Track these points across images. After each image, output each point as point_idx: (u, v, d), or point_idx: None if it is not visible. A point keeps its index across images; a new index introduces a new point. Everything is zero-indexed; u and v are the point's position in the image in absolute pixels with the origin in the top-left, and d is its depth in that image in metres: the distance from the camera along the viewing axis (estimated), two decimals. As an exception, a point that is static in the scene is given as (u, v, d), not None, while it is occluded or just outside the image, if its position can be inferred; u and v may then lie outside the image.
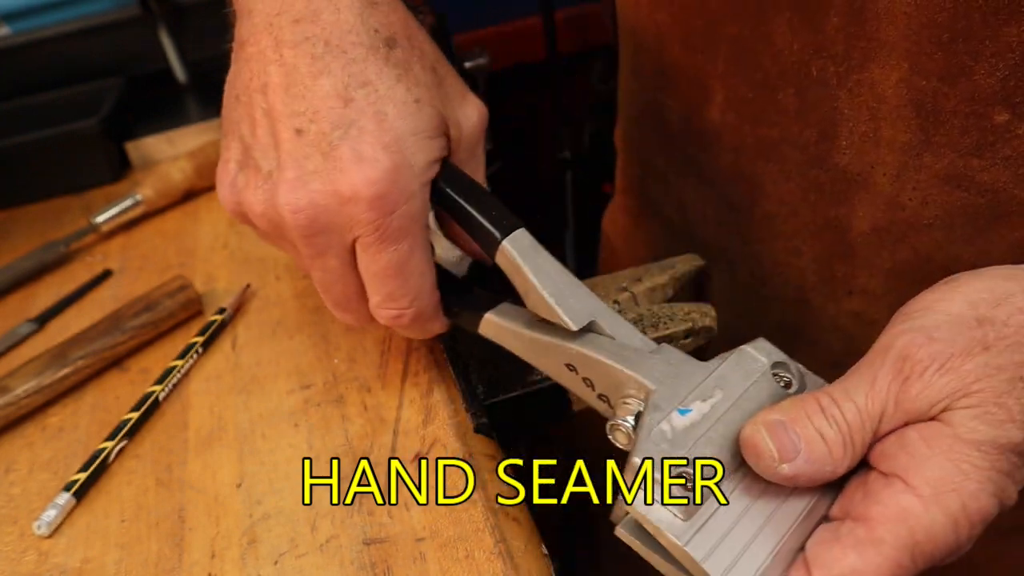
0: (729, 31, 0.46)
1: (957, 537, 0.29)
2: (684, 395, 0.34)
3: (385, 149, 0.36)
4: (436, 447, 0.43)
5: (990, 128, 0.39)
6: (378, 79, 0.37)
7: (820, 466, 0.31)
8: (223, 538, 0.41)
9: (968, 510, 0.29)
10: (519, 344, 0.41)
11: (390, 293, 0.40)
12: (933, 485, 0.29)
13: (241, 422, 0.47)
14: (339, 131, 0.36)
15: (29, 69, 0.84)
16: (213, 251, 0.64)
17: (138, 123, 0.81)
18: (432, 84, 0.39)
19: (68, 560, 0.41)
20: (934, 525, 0.29)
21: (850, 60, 0.41)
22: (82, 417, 0.50)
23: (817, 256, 0.48)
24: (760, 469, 0.32)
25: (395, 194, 0.37)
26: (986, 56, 0.37)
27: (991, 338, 0.31)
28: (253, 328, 0.54)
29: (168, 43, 0.85)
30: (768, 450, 0.31)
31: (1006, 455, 0.30)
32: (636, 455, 0.32)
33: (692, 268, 0.54)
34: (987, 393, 0.30)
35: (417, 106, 0.38)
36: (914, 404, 0.31)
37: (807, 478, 0.31)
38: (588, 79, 1.46)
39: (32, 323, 0.58)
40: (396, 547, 0.38)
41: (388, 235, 0.37)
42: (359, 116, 0.37)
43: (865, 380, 0.32)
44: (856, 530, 0.30)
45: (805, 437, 0.31)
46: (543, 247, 0.39)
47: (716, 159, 0.52)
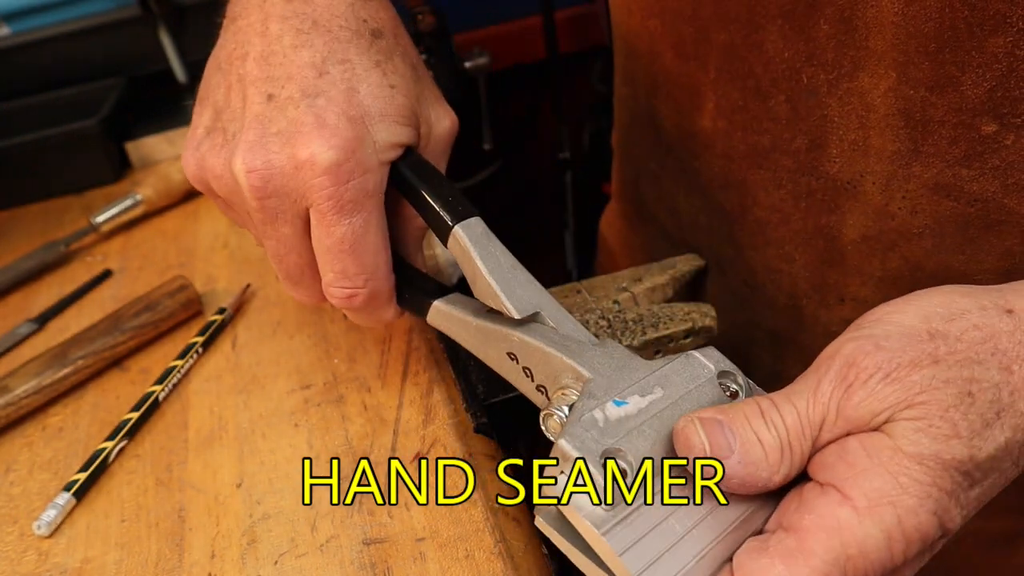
0: (720, 39, 0.46)
1: (891, 553, 0.28)
2: (623, 388, 0.33)
3: (349, 120, 0.37)
4: (436, 447, 0.43)
5: (978, 138, 0.39)
6: (357, 60, 0.38)
7: (754, 470, 0.30)
8: (223, 538, 0.41)
9: (904, 525, 0.28)
10: (465, 333, 0.40)
11: (343, 269, 0.39)
12: (869, 497, 0.28)
13: (241, 422, 0.47)
14: (308, 99, 0.37)
15: (29, 69, 0.84)
16: (213, 251, 0.64)
17: (138, 123, 0.81)
18: (410, 78, 0.40)
19: (68, 560, 0.41)
20: (867, 539, 0.28)
21: (840, 68, 0.41)
22: (82, 417, 0.50)
23: (809, 263, 0.49)
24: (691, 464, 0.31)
25: (351, 164, 0.37)
26: (973, 67, 0.37)
27: (942, 352, 0.30)
28: (253, 328, 0.54)
29: (168, 43, 0.85)
30: (700, 443, 0.30)
31: (949, 472, 0.29)
32: (562, 439, 0.31)
33: (692, 268, 0.54)
34: (932, 406, 0.29)
35: (391, 91, 0.38)
36: (856, 412, 0.30)
37: (739, 482, 0.30)
38: (588, 79, 1.46)
39: (32, 323, 0.59)
40: (396, 547, 0.38)
41: (342, 206, 0.37)
42: (330, 87, 0.37)
43: (809, 386, 0.31)
44: (786, 540, 0.29)
45: (741, 438, 0.30)
46: (497, 238, 0.39)
47: (708, 166, 0.52)
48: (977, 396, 0.29)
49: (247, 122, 0.38)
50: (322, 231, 0.38)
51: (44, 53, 0.83)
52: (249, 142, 0.37)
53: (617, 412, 0.32)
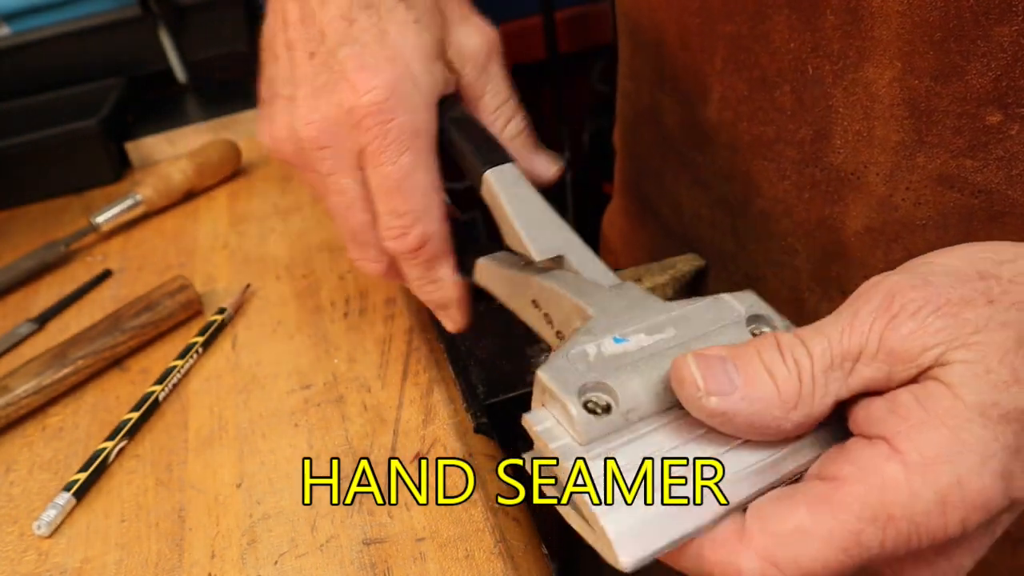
0: (727, 30, 0.46)
1: (945, 521, 0.24)
2: (628, 326, 0.30)
3: (387, 60, 0.38)
4: (436, 447, 0.43)
5: (983, 129, 0.39)
6: (379, 1, 0.40)
7: (763, 407, 0.26)
8: (223, 538, 0.41)
9: (965, 489, 0.24)
10: (501, 287, 0.40)
11: (393, 208, 0.40)
12: (923, 453, 0.24)
13: (241, 422, 0.47)
14: (345, 48, 0.39)
15: (29, 69, 0.84)
16: (213, 251, 0.64)
17: (138, 123, 0.81)
18: (431, 6, 0.41)
19: (68, 560, 0.41)
20: (917, 500, 0.24)
21: (846, 59, 0.41)
22: (82, 417, 0.50)
23: (811, 255, 0.49)
24: (684, 400, 0.27)
25: (393, 101, 0.38)
26: (978, 56, 0.37)
27: (995, 292, 0.26)
28: (253, 328, 0.54)
29: (168, 43, 0.85)
30: (691, 378, 0.26)
31: (1012, 427, 0.24)
32: (540, 370, 0.28)
33: (692, 268, 0.54)
34: (990, 348, 0.25)
35: (416, 26, 0.40)
36: (903, 344, 0.26)
37: (745, 421, 0.26)
38: (588, 79, 1.46)
39: (32, 323, 0.58)
40: (396, 547, 0.38)
41: (388, 144, 0.39)
42: (362, 34, 0.39)
43: (844, 316, 0.27)
44: (817, 487, 0.25)
45: (747, 372, 0.26)
46: (530, 184, 0.39)
47: (712, 158, 0.52)
48: None
49: (297, 82, 0.40)
50: (372, 171, 0.40)
51: (44, 53, 0.83)
52: (305, 98, 0.40)
53: (613, 348, 0.29)
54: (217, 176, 0.72)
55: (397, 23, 0.39)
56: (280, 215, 0.67)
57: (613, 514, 0.25)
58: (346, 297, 0.55)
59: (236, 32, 0.87)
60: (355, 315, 0.53)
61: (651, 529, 0.25)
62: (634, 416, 0.27)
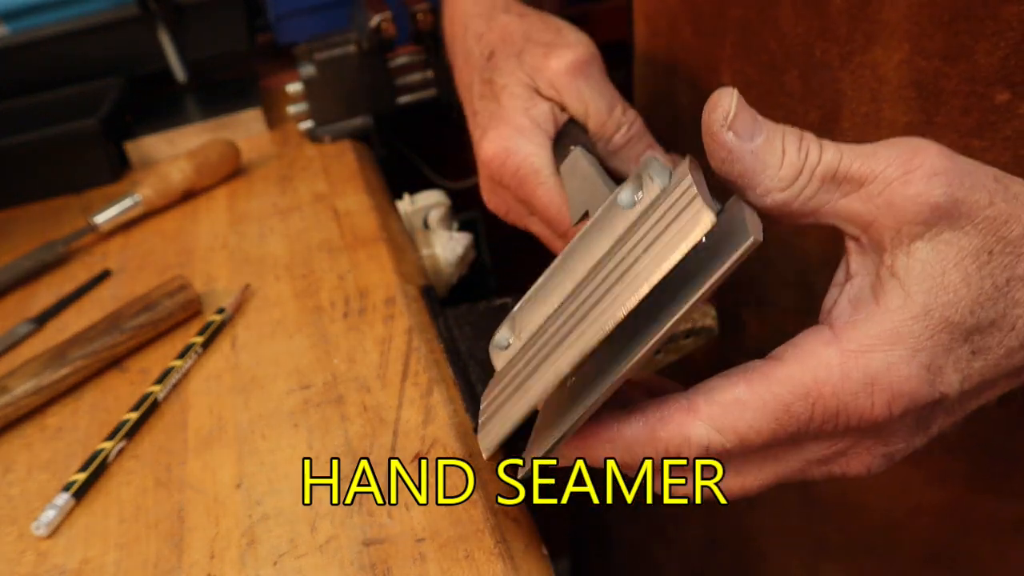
0: (736, 14, 0.47)
1: (872, 402, 0.27)
2: None
3: (495, 127, 0.45)
4: (436, 447, 0.43)
5: (991, 108, 0.39)
6: (488, 89, 0.48)
7: (760, 169, 0.29)
8: (222, 538, 0.40)
9: (892, 375, 0.27)
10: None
11: (555, 230, 0.46)
12: (861, 343, 0.27)
13: (241, 422, 0.47)
14: (476, 130, 0.47)
15: (28, 69, 0.84)
16: (212, 251, 0.64)
17: (138, 123, 0.81)
18: (512, 68, 0.47)
19: (67, 561, 0.41)
20: (846, 381, 0.27)
21: (853, 42, 0.42)
22: (81, 417, 0.50)
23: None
24: (706, 124, 0.29)
25: (510, 155, 0.45)
26: (986, 35, 0.37)
27: (998, 199, 0.28)
28: (253, 328, 0.54)
29: (167, 42, 0.85)
30: (726, 107, 0.28)
31: (949, 330, 0.27)
32: None
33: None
34: (951, 250, 0.27)
35: (506, 90, 0.46)
36: (902, 203, 0.28)
37: (740, 170, 0.29)
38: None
39: (31, 323, 0.58)
40: (396, 547, 0.38)
41: (522, 186, 0.45)
42: (482, 115, 0.47)
43: (866, 147, 0.29)
44: (758, 365, 0.28)
45: (768, 136, 0.28)
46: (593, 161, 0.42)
47: None
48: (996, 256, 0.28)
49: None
50: (532, 209, 0.46)
51: (43, 53, 0.83)
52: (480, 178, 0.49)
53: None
54: (216, 176, 0.72)
55: (496, 98, 0.46)
56: (280, 215, 0.67)
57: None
58: (346, 297, 0.55)
59: (236, 32, 0.87)
60: (355, 315, 0.53)
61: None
62: (525, 335, 0.34)
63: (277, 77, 0.91)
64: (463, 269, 0.64)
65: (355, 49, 0.73)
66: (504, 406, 0.32)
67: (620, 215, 0.32)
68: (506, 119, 0.45)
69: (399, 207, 0.67)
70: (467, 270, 0.65)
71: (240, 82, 0.86)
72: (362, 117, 0.76)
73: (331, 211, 0.65)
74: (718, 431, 0.28)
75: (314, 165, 0.73)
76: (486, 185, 0.48)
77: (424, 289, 0.57)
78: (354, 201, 0.66)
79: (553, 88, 0.46)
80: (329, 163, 0.73)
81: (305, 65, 0.73)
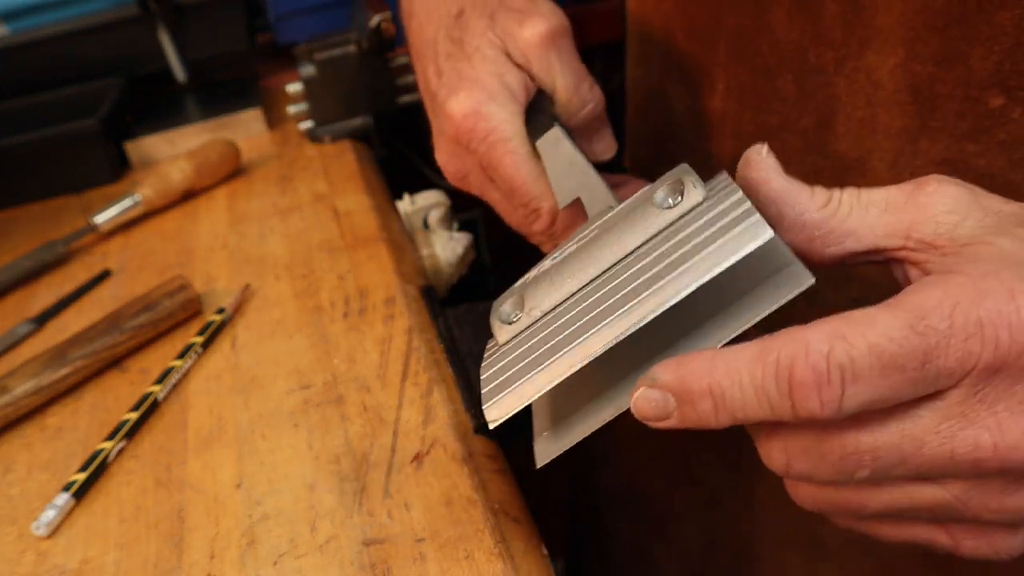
0: (730, 20, 0.47)
1: (1017, 308, 0.25)
2: (569, 242, 0.36)
3: (466, 89, 0.44)
4: (436, 447, 0.43)
5: (985, 112, 0.39)
6: (456, 49, 0.46)
7: (798, 191, 0.31)
8: (222, 539, 0.40)
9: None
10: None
11: (517, 202, 0.45)
12: (981, 268, 0.26)
13: (241, 422, 0.47)
14: (441, 90, 0.45)
15: (28, 69, 0.84)
16: (212, 251, 0.64)
17: (138, 123, 0.80)
18: (483, 30, 0.45)
19: (67, 561, 0.41)
20: (984, 293, 0.25)
21: (847, 47, 0.42)
22: (81, 417, 0.50)
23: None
24: (744, 158, 0.32)
25: (481, 119, 0.44)
26: (981, 40, 0.37)
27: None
28: (253, 328, 0.54)
29: (167, 42, 0.85)
30: (760, 149, 0.32)
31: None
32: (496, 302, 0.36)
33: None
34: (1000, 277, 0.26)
35: (479, 54, 0.45)
36: (921, 212, 0.29)
37: (776, 190, 0.31)
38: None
39: (31, 323, 0.58)
40: (396, 547, 0.38)
41: (491, 153, 0.45)
42: (448, 76, 0.45)
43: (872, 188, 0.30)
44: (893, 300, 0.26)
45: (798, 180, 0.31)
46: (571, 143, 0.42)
47: (718, 146, 0.52)
48: None
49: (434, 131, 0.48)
50: (494, 177, 0.45)
51: (43, 53, 0.83)
52: (437, 144, 0.48)
53: (546, 264, 0.36)
54: (216, 176, 0.72)
55: (467, 59, 0.44)
56: (279, 215, 0.67)
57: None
58: (346, 297, 0.55)
59: (236, 32, 0.87)
60: (355, 315, 0.53)
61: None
62: (537, 312, 0.35)
63: (277, 77, 0.91)
64: (463, 269, 0.64)
65: (355, 49, 0.73)
66: (522, 377, 0.33)
67: (655, 214, 0.33)
68: (478, 81, 0.44)
69: (399, 207, 0.67)
70: (467, 270, 0.65)
71: (240, 82, 0.86)
72: (362, 117, 0.76)
73: (331, 211, 0.65)
74: (841, 338, 0.25)
75: (314, 165, 0.73)
76: (447, 147, 0.46)
77: (424, 289, 0.57)
78: (354, 201, 0.66)
79: (524, 56, 0.45)
80: (329, 163, 0.73)
81: (305, 65, 0.73)
